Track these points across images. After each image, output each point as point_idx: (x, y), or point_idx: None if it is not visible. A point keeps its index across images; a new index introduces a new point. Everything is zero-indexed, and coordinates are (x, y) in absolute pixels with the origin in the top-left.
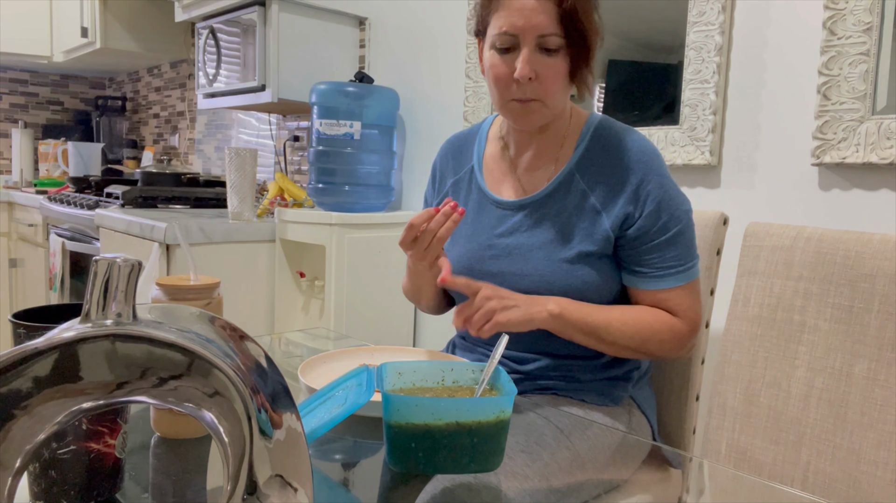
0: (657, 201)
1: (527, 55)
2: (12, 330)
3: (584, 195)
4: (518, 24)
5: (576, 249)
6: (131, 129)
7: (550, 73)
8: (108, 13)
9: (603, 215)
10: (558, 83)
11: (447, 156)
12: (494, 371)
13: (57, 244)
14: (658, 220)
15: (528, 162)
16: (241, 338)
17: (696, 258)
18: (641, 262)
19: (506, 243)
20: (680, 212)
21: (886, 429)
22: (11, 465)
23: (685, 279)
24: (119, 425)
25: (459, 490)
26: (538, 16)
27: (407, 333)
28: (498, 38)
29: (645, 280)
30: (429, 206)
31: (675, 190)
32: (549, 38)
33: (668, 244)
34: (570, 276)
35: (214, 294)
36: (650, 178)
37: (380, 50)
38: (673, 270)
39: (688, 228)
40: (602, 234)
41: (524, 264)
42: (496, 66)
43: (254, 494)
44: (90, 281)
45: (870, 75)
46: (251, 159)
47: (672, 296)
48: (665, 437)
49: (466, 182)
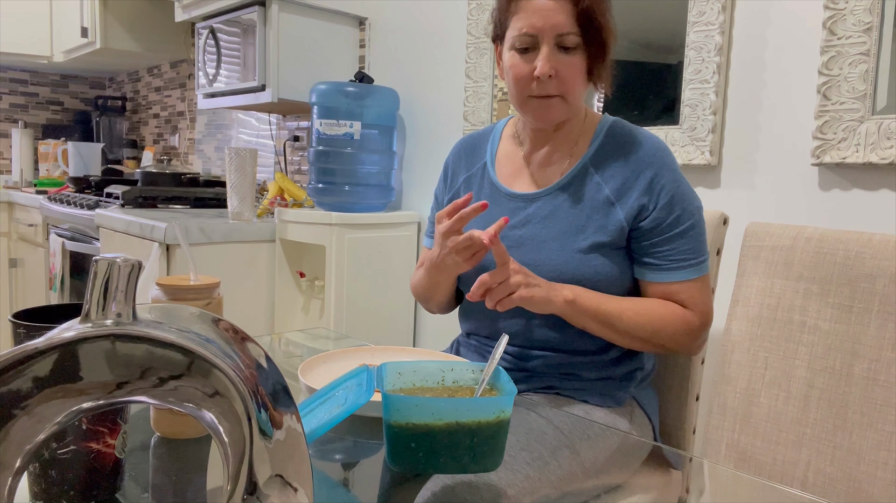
0: (671, 195)
1: (547, 53)
2: (12, 330)
3: (598, 187)
4: (537, 24)
5: (589, 240)
6: (131, 129)
7: (569, 70)
8: (108, 13)
9: (617, 206)
10: (577, 79)
11: (460, 153)
12: (494, 371)
13: (57, 244)
14: (671, 213)
15: (542, 158)
16: (241, 339)
17: (707, 254)
18: (654, 254)
19: (518, 234)
20: (693, 207)
21: (886, 429)
22: (11, 465)
23: (697, 273)
24: (119, 425)
25: (459, 488)
26: (556, 16)
27: (407, 333)
28: (518, 38)
29: (657, 272)
30: (439, 203)
31: (688, 186)
32: (567, 36)
33: (681, 237)
34: (583, 266)
35: (214, 294)
36: (664, 172)
37: (380, 50)
38: (685, 263)
39: (699, 224)
40: (616, 225)
41: (537, 254)
42: (516, 65)
43: (254, 494)
44: (90, 281)
45: (870, 75)
46: (251, 159)
47: (684, 288)
48: (665, 437)
49: (479, 177)
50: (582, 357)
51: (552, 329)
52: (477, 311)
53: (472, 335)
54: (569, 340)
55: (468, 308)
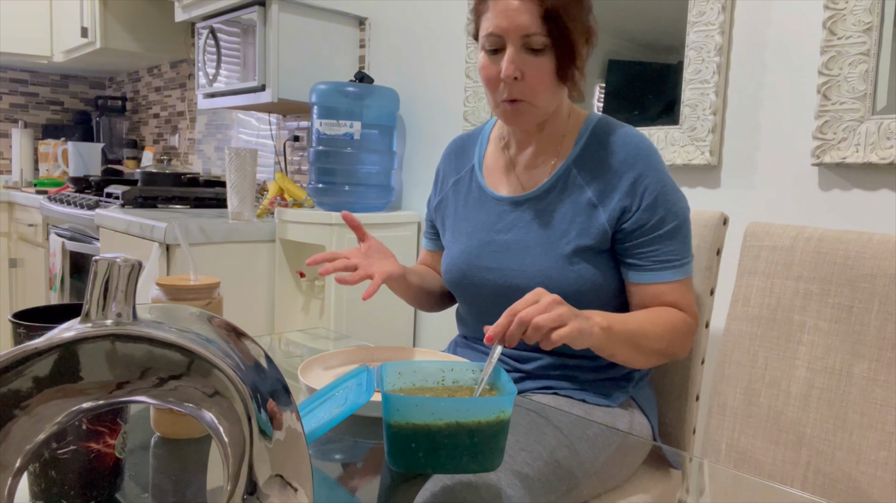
0: (654, 195)
1: (511, 55)
2: (12, 330)
3: (581, 190)
4: (503, 24)
5: (573, 244)
6: (131, 129)
7: (536, 72)
8: (108, 13)
9: (599, 209)
10: (544, 82)
11: (450, 156)
12: (494, 371)
13: (57, 244)
14: (655, 214)
15: (528, 160)
16: (241, 338)
17: (691, 256)
18: (638, 255)
19: (504, 239)
20: (678, 207)
21: (886, 429)
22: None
23: (683, 274)
24: (119, 425)
25: (459, 488)
26: (521, 16)
27: (407, 333)
28: (486, 39)
29: (641, 272)
30: (430, 210)
31: (673, 186)
32: (534, 37)
33: (666, 238)
34: (567, 271)
35: (214, 294)
36: (648, 173)
37: (380, 50)
38: (671, 264)
39: (685, 225)
40: (598, 227)
41: (522, 259)
42: (485, 67)
43: (254, 494)
44: (90, 281)
45: (870, 75)
46: (251, 159)
47: (672, 289)
48: (665, 437)
49: (467, 181)
50: (579, 359)
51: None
52: (471, 316)
53: (470, 338)
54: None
55: (463, 312)
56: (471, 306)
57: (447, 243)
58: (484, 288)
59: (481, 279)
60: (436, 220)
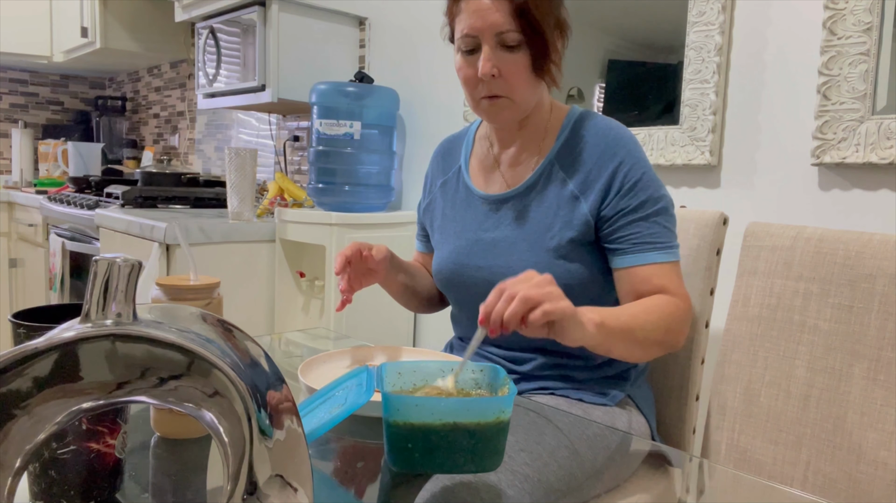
0: (634, 181)
1: (487, 53)
2: (12, 330)
3: (563, 184)
4: (476, 24)
5: (557, 238)
6: (131, 129)
7: (512, 68)
8: (108, 13)
9: (581, 200)
10: (521, 77)
11: (438, 158)
12: (495, 370)
13: (57, 244)
14: (635, 198)
15: (512, 157)
16: (240, 338)
17: (677, 244)
18: (622, 239)
19: (491, 237)
20: (658, 195)
21: (886, 429)
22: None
23: (669, 257)
24: (119, 425)
25: (459, 489)
26: (493, 14)
27: (407, 333)
28: (462, 41)
29: (627, 256)
30: (420, 213)
31: (654, 175)
32: (507, 34)
33: (646, 221)
34: (554, 266)
35: (214, 294)
36: (628, 160)
37: (380, 50)
38: (654, 246)
39: (667, 211)
40: (581, 219)
41: (509, 257)
42: (462, 67)
43: (254, 494)
44: (90, 281)
45: (870, 75)
46: (251, 159)
47: (659, 272)
48: (665, 437)
49: (454, 181)
50: (572, 359)
51: None
52: (463, 316)
53: (465, 339)
54: (557, 342)
55: (456, 313)
56: (462, 306)
57: (436, 244)
58: (474, 287)
59: (471, 278)
60: (425, 222)
